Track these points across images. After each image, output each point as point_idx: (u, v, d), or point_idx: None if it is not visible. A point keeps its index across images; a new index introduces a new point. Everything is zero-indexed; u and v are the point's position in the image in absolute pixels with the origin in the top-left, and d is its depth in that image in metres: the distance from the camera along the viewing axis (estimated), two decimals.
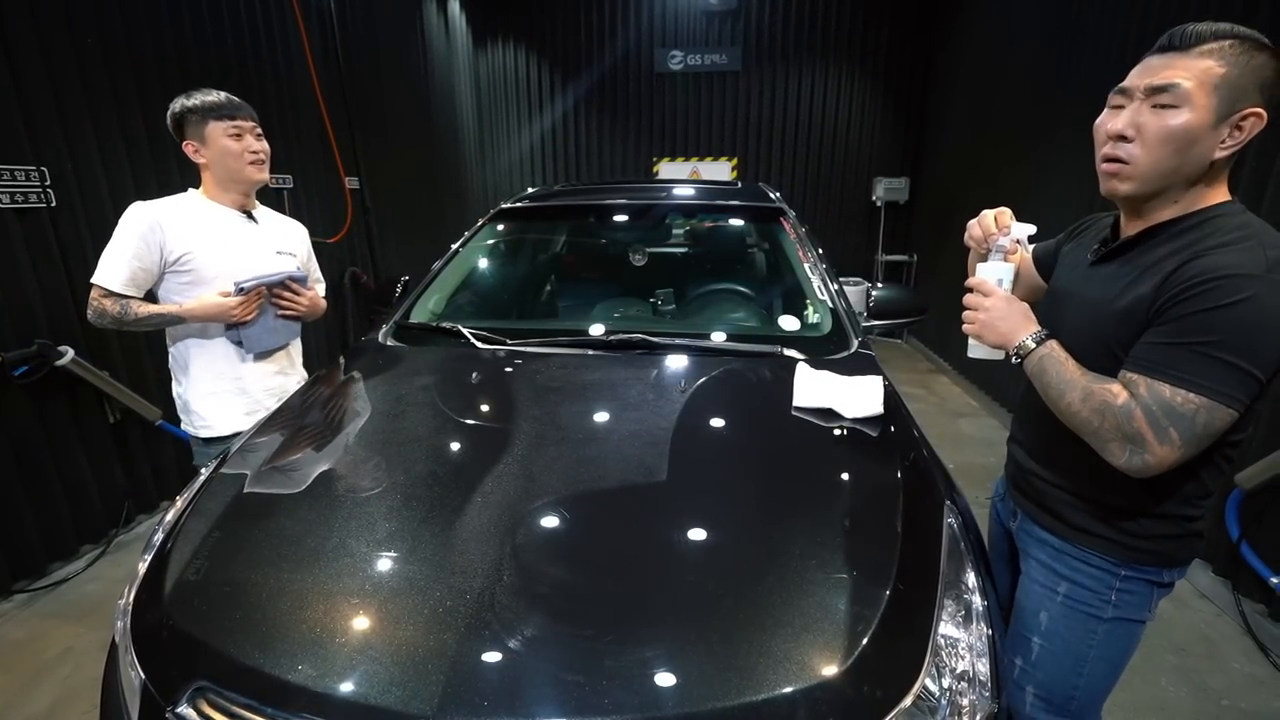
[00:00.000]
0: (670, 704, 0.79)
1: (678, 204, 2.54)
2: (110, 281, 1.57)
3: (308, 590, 0.97)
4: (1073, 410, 0.97)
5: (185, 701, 0.87)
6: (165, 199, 1.67)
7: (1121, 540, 1.06)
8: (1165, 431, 0.88)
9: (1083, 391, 0.95)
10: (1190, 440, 0.88)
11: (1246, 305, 0.83)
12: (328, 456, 1.32)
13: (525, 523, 1.07)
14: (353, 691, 0.81)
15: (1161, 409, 0.88)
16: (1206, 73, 0.87)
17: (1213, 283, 0.85)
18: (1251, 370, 0.84)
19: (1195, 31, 0.88)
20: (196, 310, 1.63)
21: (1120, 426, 0.91)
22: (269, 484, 1.24)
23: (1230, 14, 2.11)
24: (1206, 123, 0.87)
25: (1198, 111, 0.87)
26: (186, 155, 1.66)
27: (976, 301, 1.11)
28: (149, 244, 1.59)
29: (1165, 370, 0.88)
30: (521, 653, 0.84)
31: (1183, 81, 0.87)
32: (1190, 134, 0.88)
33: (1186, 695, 1.88)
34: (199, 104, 1.63)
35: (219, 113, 1.63)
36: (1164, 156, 0.91)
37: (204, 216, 1.68)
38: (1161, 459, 0.89)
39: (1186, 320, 0.87)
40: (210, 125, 1.63)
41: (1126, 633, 1.11)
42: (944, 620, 0.96)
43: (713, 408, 1.48)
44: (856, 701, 0.82)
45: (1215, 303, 0.84)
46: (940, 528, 1.11)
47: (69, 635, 2.14)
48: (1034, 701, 1.16)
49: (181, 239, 1.62)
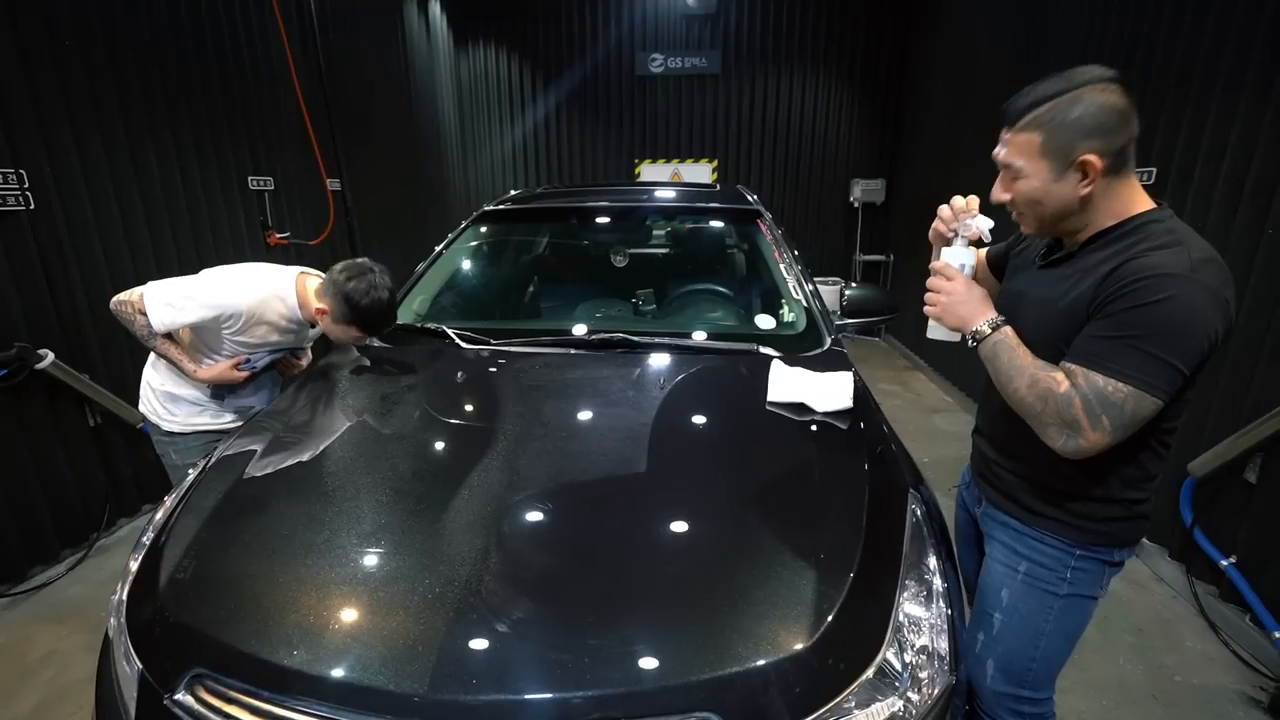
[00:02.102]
0: (648, 677, 0.84)
1: (658, 206, 2.60)
2: (159, 321, 1.61)
3: (300, 580, 1.01)
4: (1020, 395, 1.04)
5: (183, 689, 0.91)
6: (268, 287, 1.68)
7: (1075, 523, 1.14)
8: (1099, 419, 0.96)
9: (1030, 378, 1.03)
10: (1119, 427, 0.96)
11: (1171, 303, 0.91)
12: (317, 453, 1.35)
13: (510, 513, 1.12)
14: (347, 674, 0.85)
15: (1096, 397, 0.96)
16: (1029, 144, 1.00)
17: (1142, 282, 0.93)
18: (1173, 362, 0.92)
19: (1015, 109, 1.02)
20: (208, 378, 1.73)
21: (1060, 413, 0.99)
22: (259, 481, 1.27)
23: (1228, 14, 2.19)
24: (1048, 181, 1.01)
25: (1035, 177, 1.01)
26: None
27: (939, 284, 1.17)
28: (219, 321, 1.64)
29: (1099, 361, 0.96)
30: (507, 633, 0.89)
31: (1014, 161, 1.03)
32: (1040, 194, 1.02)
33: (1142, 673, 1.99)
34: (356, 288, 1.60)
35: (363, 316, 1.63)
36: (1037, 210, 1.05)
37: (280, 317, 1.73)
38: (1094, 443, 0.98)
39: (1119, 316, 0.95)
40: (351, 328, 1.66)
41: (1080, 608, 1.19)
42: (906, 600, 1.03)
43: (690, 403, 1.54)
44: (822, 672, 0.89)
45: (1143, 300, 0.92)
46: (904, 514, 1.18)
47: (52, 638, 2.14)
48: (995, 673, 1.23)
49: (247, 333, 1.69)
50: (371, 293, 1.61)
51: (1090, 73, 0.98)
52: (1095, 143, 0.96)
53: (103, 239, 2.59)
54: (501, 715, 0.82)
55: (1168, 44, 2.48)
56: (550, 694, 0.83)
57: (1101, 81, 0.97)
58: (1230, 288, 0.94)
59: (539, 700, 0.82)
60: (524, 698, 0.82)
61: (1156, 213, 1.01)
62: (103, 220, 2.58)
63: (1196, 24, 2.34)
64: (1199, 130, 2.32)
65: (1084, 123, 0.96)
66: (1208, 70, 2.28)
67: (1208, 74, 2.28)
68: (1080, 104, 0.96)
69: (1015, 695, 1.22)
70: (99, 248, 2.57)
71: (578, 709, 0.81)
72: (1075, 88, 0.97)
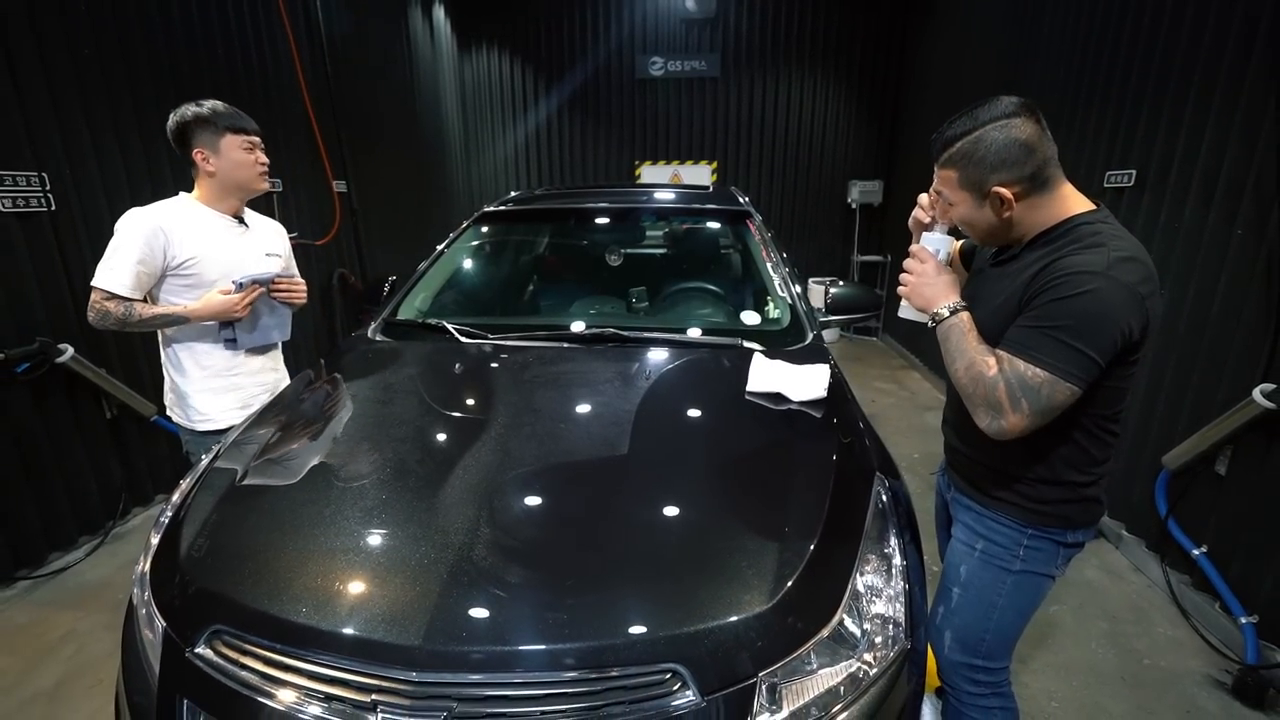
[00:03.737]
0: (624, 631, 0.94)
1: (651, 207, 2.70)
2: (115, 285, 1.64)
3: (309, 548, 1.10)
4: (958, 376, 1.14)
5: (203, 643, 1.00)
6: (160, 205, 1.75)
7: (1026, 505, 1.22)
8: (1019, 402, 1.04)
9: (968, 361, 1.12)
10: (1037, 411, 1.04)
11: (1087, 297, 1.00)
12: (324, 438, 1.45)
13: (500, 489, 1.22)
14: (351, 628, 0.95)
15: (1018, 382, 1.04)
16: (950, 179, 1.14)
17: (1064, 278, 1.02)
18: (1087, 351, 1.01)
19: (936, 147, 1.15)
20: (201, 310, 1.73)
21: (988, 395, 1.07)
22: (270, 462, 1.37)
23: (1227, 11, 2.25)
24: (972, 208, 1.15)
25: (960, 205, 1.16)
26: (184, 160, 1.75)
27: (911, 266, 1.26)
28: (153, 248, 1.67)
29: (1022, 348, 1.05)
30: (496, 593, 0.99)
31: (943, 190, 1.17)
32: (968, 218, 1.17)
33: (1113, 656, 2.06)
34: (215, 114, 1.70)
35: (235, 126, 1.73)
36: (972, 230, 1.20)
37: (202, 222, 1.77)
38: (1014, 425, 1.06)
39: (1042, 309, 1.04)
40: (226, 138, 1.72)
41: (1033, 585, 1.27)
42: (866, 571, 1.12)
43: (673, 393, 1.63)
44: (782, 630, 0.98)
45: (1064, 294, 1.01)
46: (868, 496, 1.27)
47: (71, 619, 2.25)
48: (951, 644, 1.32)
49: (185, 244, 1.72)
50: (204, 103, 1.69)
51: (996, 109, 1.08)
52: (1002, 175, 1.07)
53: None
54: (489, 664, 0.91)
55: (1147, 47, 2.56)
56: (533, 646, 0.92)
57: (1004, 118, 1.06)
58: (1149, 284, 1.02)
59: (522, 651, 0.91)
60: (509, 649, 0.91)
61: (1088, 215, 1.10)
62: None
63: (1174, 26, 2.41)
64: (1175, 133, 2.40)
65: (989, 160, 1.07)
66: (1183, 72, 2.36)
67: (1183, 75, 2.36)
68: (983, 142, 1.07)
69: (970, 664, 1.31)
70: None
71: (558, 658, 0.91)
72: (980, 127, 1.08)
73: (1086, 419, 1.13)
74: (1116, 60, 2.75)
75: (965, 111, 1.11)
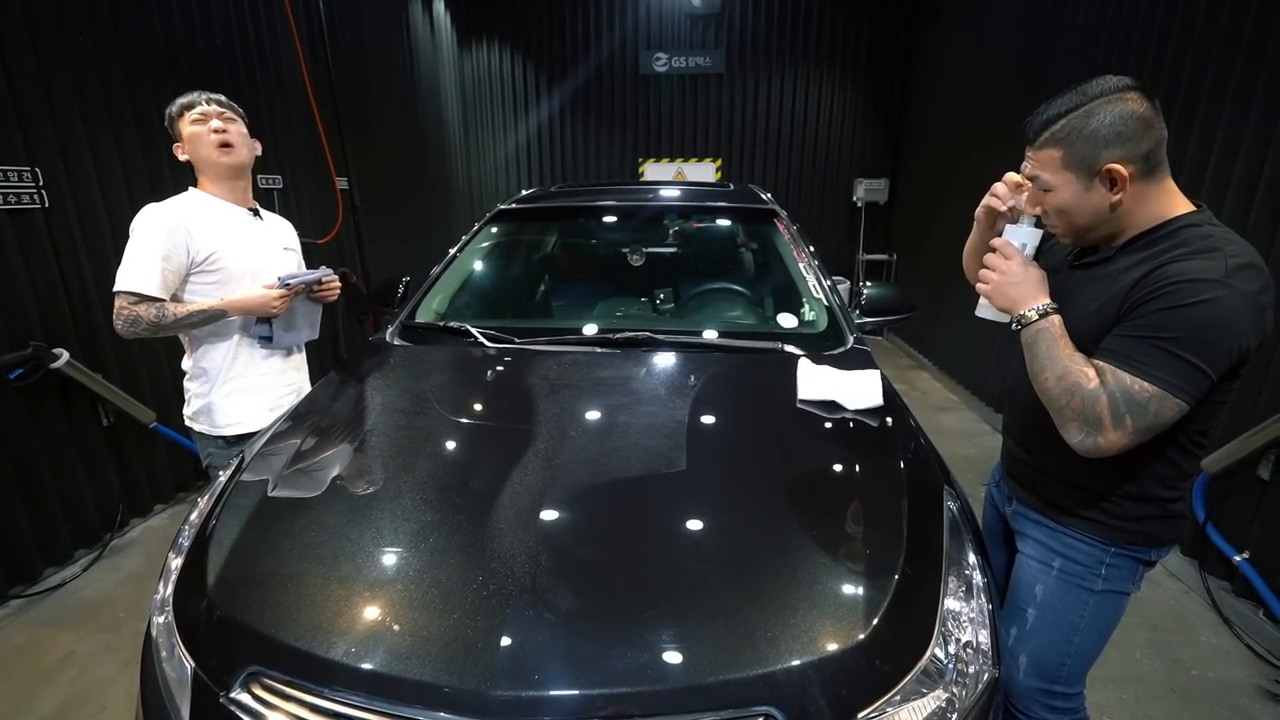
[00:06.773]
0: (705, 672, 0.85)
1: (674, 205, 2.61)
2: (142, 285, 1.55)
3: (352, 577, 1.01)
4: (1047, 385, 1.04)
5: (239, 686, 0.91)
6: (175, 200, 1.67)
7: (1109, 523, 1.14)
8: (1122, 418, 0.96)
9: (1061, 369, 1.02)
10: (1142, 428, 0.96)
11: (1205, 307, 0.91)
12: (355, 451, 1.36)
13: (556, 510, 1.13)
14: (407, 670, 0.85)
15: (1123, 396, 0.96)
16: (1051, 160, 1.03)
17: (1176, 285, 0.93)
18: (1202, 366, 0.93)
19: (1033, 127, 1.04)
20: (239, 304, 1.66)
21: (1084, 409, 0.99)
22: (299, 479, 1.27)
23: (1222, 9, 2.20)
24: (1077, 193, 1.03)
25: (1063, 189, 1.04)
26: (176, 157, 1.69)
27: (995, 262, 1.14)
28: (176, 244, 1.59)
29: (1128, 360, 0.97)
30: (566, 629, 0.90)
31: (1040, 174, 1.05)
32: (1069, 205, 1.04)
33: (1159, 667, 2.01)
34: (174, 104, 1.65)
35: (186, 105, 1.65)
36: (1068, 220, 1.07)
37: (219, 216, 1.69)
38: (1112, 442, 0.98)
39: (1151, 317, 0.96)
40: (182, 119, 1.65)
41: (1114, 604, 1.20)
42: (949, 595, 1.04)
43: (722, 401, 1.55)
44: (874, 668, 0.89)
45: (1177, 303, 0.93)
46: (941, 511, 1.19)
47: (70, 640, 2.13)
48: (1028, 668, 1.24)
49: (208, 239, 1.64)
50: (176, 99, 1.66)
51: (1104, 84, 0.99)
52: (1117, 151, 0.97)
53: (115, 237, 2.57)
54: (565, 711, 0.82)
55: (1163, 40, 2.50)
56: (614, 689, 0.83)
57: (1115, 92, 0.98)
58: (1269, 293, 0.94)
59: (602, 695, 0.83)
60: (588, 693, 0.83)
61: (1194, 216, 1.02)
62: (115, 219, 2.56)
63: (1208, 25, 2.36)
64: (1211, 131, 2.34)
65: (1102, 133, 0.97)
66: (1220, 66, 2.30)
67: (1220, 70, 2.30)
68: (1095, 116, 0.98)
69: (1048, 690, 1.24)
70: (111, 246, 2.55)
71: (643, 703, 0.82)
72: (1089, 101, 0.99)
73: (1182, 434, 1.05)
74: (1139, 52, 2.69)
75: (1069, 89, 1.02)
